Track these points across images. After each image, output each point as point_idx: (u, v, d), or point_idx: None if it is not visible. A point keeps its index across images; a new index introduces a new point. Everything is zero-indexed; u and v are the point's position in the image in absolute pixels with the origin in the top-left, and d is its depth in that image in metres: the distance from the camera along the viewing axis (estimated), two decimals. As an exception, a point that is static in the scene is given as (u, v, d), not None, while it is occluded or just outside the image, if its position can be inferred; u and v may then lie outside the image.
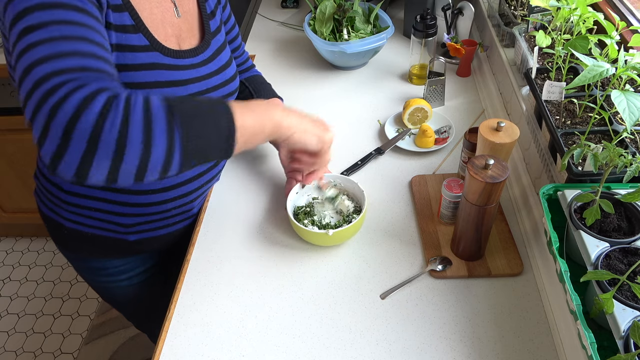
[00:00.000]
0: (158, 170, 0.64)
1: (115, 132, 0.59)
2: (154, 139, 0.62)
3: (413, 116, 1.28)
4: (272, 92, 1.19)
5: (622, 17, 1.13)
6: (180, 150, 0.64)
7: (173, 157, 0.64)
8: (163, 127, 0.62)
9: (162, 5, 0.88)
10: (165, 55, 0.86)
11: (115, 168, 0.61)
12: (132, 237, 1.03)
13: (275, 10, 1.90)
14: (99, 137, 0.59)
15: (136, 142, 0.60)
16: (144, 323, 1.39)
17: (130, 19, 0.81)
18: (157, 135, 0.62)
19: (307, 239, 1.00)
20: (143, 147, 0.61)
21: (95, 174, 0.60)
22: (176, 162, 0.65)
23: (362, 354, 0.85)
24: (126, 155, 0.60)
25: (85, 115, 0.58)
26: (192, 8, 0.96)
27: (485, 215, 0.88)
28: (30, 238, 2.46)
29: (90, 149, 0.59)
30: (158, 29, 0.87)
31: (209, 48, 0.96)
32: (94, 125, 0.59)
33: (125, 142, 0.60)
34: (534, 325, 0.88)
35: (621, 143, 0.88)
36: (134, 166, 0.61)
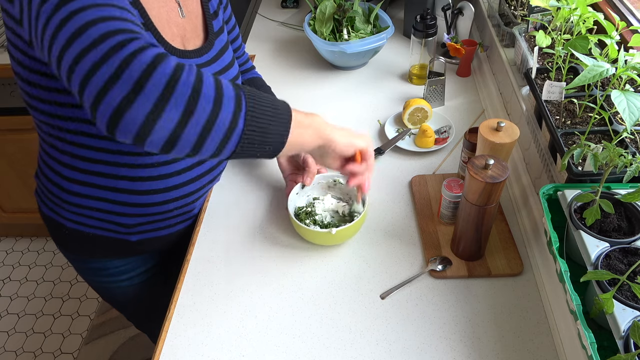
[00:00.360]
0: (219, 138, 0.63)
1: (189, 86, 0.60)
2: (223, 100, 0.62)
3: (413, 116, 1.28)
4: (272, 95, 1.18)
5: (622, 17, 1.13)
6: (244, 123, 0.65)
7: (236, 128, 0.64)
8: (232, 94, 0.64)
9: (167, 5, 0.88)
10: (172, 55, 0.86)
11: (184, 122, 0.60)
12: (134, 237, 1.03)
13: (275, 10, 1.90)
14: (174, 87, 0.58)
15: (208, 98, 0.61)
16: (144, 323, 1.39)
17: (140, 17, 0.81)
18: (226, 99, 0.63)
19: (309, 238, 1.00)
20: (213, 104, 0.61)
21: (161, 127, 0.59)
22: (236, 135, 0.65)
23: (362, 354, 0.85)
24: (197, 109, 0.60)
25: (161, 67, 0.58)
26: (196, 8, 0.96)
27: (485, 215, 0.88)
28: (30, 238, 2.46)
29: (164, 97, 0.58)
30: (165, 29, 0.87)
31: (212, 48, 0.96)
32: (170, 75, 0.58)
33: (198, 97, 0.60)
34: (534, 325, 0.88)
35: (621, 143, 0.88)
36: (201, 124, 0.61)
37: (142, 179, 0.92)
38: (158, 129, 0.59)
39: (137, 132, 0.59)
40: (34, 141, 0.96)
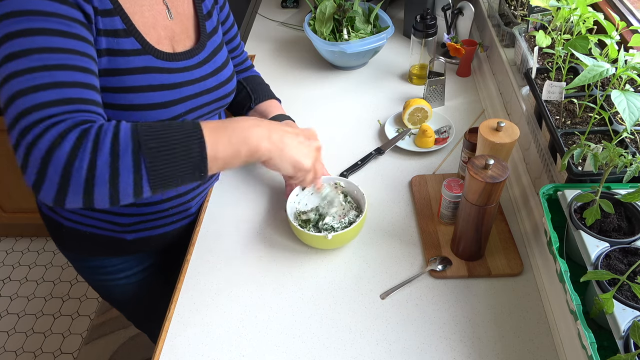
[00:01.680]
0: (130, 198, 0.68)
1: (83, 172, 0.65)
2: (120, 175, 0.66)
3: (413, 116, 1.28)
4: (270, 93, 1.18)
5: (622, 17, 1.13)
6: (148, 181, 0.68)
7: (142, 188, 0.68)
8: (129, 163, 0.66)
9: (153, 8, 0.87)
10: (158, 59, 0.85)
11: (88, 199, 0.66)
12: (130, 236, 1.03)
13: (275, 10, 1.90)
14: (70, 175, 0.64)
15: (103, 179, 0.65)
16: (143, 323, 1.39)
17: (121, 23, 0.80)
18: (123, 172, 0.66)
19: (307, 241, 1.00)
20: (109, 183, 0.66)
21: (70, 203, 0.66)
22: (146, 190, 0.69)
23: (362, 354, 0.85)
24: (95, 189, 0.66)
25: (55, 155, 0.64)
26: (187, 9, 0.95)
27: (485, 215, 0.88)
28: (30, 238, 2.46)
29: (63, 185, 0.64)
30: (150, 32, 0.86)
31: (204, 50, 0.95)
32: (64, 164, 0.64)
33: (94, 180, 0.65)
34: (534, 325, 0.88)
35: (621, 143, 0.88)
36: (105, 197, 0.67)
37: None
38: (69, 204, 0.66)
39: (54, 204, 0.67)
40: (34, 141, 0.96)
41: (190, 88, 0.91)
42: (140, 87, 0.83)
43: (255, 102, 1.13)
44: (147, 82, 0.84)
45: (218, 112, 1.04)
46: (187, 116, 0.92)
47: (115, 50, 0.80)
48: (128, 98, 0.82)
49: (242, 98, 1.14)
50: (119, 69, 0.81)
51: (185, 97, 0.90)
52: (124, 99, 0.82)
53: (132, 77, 0.82)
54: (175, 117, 0.89)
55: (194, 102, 0.92)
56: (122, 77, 0.81)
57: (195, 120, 0.80)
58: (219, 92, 0.98)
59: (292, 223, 0.98)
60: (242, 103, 1.14)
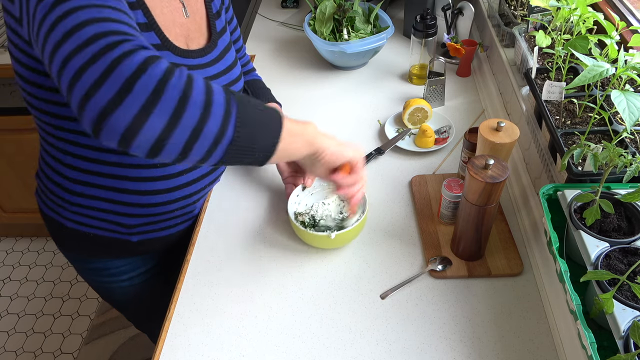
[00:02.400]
0: (207, 145, 0.62)
1: (179, 90, 0.58)
2: (213, 106, 0.61)
3: (413, 116, 1.28)
4: (270, 96, 1.18)
5: (622, 17, 1.13)
6: (233, 131, 0.63)
7: (224, 135, 0.63)
8: (222, 101, 0.62)
9: (171, 4, 0.88)
10: (176, 55, 0.86)
11: (171, 127, 0.58)
12: (135, 237, 1.03)
13: (275, 10, 1.90)
14: (163, 90, 0.57)
15: (197, 103, 0.59)
16: (144, 323, 1.39)
17: (143, 16, 0.81)
18: (215, 105, 0.61)
19: (309, 241, 1.00)
20: (203, 110, 0.60)
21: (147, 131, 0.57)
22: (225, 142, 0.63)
23: (362, 354, 0.85)
24: (185, 114, 0.59)
25: (151, 69, 0.57)
26: (200, 8, 0.96)
27: (485, 215, 0.88)
28: (30, 238, 2.46)
29: (151, 101, 0.56)
30: (169, 28, 0.87)
31: (216, 48, 0.96)
32: (159, 78, 0.57)
33: (187, 101, 0.59)
34: (534, 325, 0.88)
35: (621, 143, 0.88)
36: (189, 130, 0.60)
37: (145, 179, 0.92)
38: (144, 133, 0.58)
39: (123, 135, 0.57)
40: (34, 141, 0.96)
41: None
42: None
43: None
44: None
45: None
46: None
47: None
48: None
49: None
50: None
51: None
52: None
53: None
54: None
55: None
56: None
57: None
58: None
59: (294, 223, 0.98)
60: None
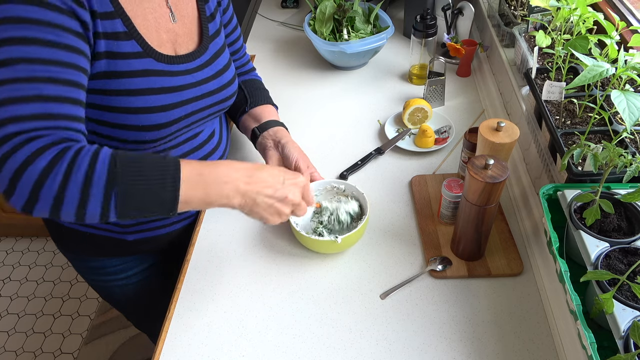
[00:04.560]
0: (95, 221, 0.70)
1: (53, 191, 0.65)
2: (89, 202, 0.67)
3: (413, 116, 1.28)
4: (267, 98, 1.16)
5: (622, 17, 1.13)
6: (115, 212, 0.69)
7: (108, 216, 0.69)
8: (100, 193, 0.67)
9: (156, 11, 0.87)
10: (159, 62, 0.85)
11: (55, 214, 0.67)
12: (130, 237, 1.03)
13: (275, 10, 1.90)
14: (39, 192, 0.65)
15: (71, 201, 0.66)
16: (143, 323, 1.39)
17: (122, 25, 0.80)
18: (92, 199, 0.67)
19: (313, 247, 0.99)
20: (77, 206, 0.67)
21: (38, 214, 0.67)
22: (112, 217, 0.70)
23: (362, 354, 0.85)
24: (63, 208, 0.67)
25: (30, 170, 0.64)
26: (191, 12, 0.94)
27: (485, 215, 0.88)
28: (30, 238, 2.46)
29: (32, 199, 0.65)
30: (152, 35, 0.85)
31: (206, 52, 0.95)
32: (35, 180, 0.64)
33: (63, 200, 0.66)
34: (534, 325, 0.88)
35: (621, 143, 0.88)
36: (72, 215, 0.68)
37: None
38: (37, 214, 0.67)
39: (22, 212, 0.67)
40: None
41: (191, 91, 0.91)
42: (140, 90, 0.83)
43: (250, 106, 1.11)
44: (147, 85, 0.83)
45: (218, 115, 1.04)
46: (186, 120, 0.91)
47: (114, 53, 0.79)
48: (127, 101, 0.82)
49: (238, 101, 1.13)
50: (118, 72, 0.80)
51: (186, 100, 0.90)
52: (123, 101, 0.82)
53: (131, 80, 0.82)
54: (174, 120, 0.88)
55: (194, 106, 0.92)
56: (121, 80, 0.81)
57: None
58: (220, 95, 0.98)
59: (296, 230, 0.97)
60: (237, 106, 1.13)
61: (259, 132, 1.07)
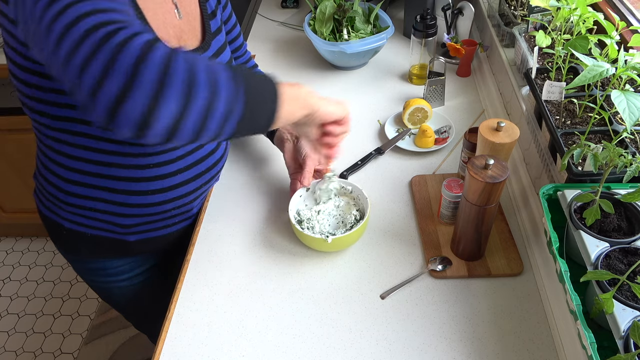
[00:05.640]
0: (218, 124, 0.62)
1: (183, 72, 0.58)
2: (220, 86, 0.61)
3: (413, 116, 1.28)
4: None
5: (622, 17, 1.13)
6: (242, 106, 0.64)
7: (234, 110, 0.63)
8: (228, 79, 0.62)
9: (163, 7, 0.88)
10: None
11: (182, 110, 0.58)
12: (132, 237, 1.03)
13: (275, 10, 1.90)
14: (168, 74, 0.57)
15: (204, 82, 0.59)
16: (143, 323, 1.39)
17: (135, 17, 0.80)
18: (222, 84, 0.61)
19: (307, 243, 1.00)
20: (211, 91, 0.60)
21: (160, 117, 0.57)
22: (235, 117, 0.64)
23: (362, 354, 0.85)
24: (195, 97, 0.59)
25: (152, 54, 0.57)
26: (194, 9, 0.96)
27: (485, 215, 0.88)
28: (30, 238, 2.46)
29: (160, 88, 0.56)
30: (160, 30, 0.87)
31: (209, 49, 0.96)
32: (162, 63, 0.57)
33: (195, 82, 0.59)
34: (534, 325, 0.88)
35: (621, 143, 0.88)
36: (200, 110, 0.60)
37: (139, 180, 0.92)
38: (158, 119, 0.58)
39: (137, 124, 0.57)
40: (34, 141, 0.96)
41: None
42: None
43: None
44: None
45: None
46: None
47: None
48: None
49: None
50: None
51: None
52: None
53: None
54: None
55: None
56: None
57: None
58: None
59: (294, 224, 0.98)
60: None
61: None
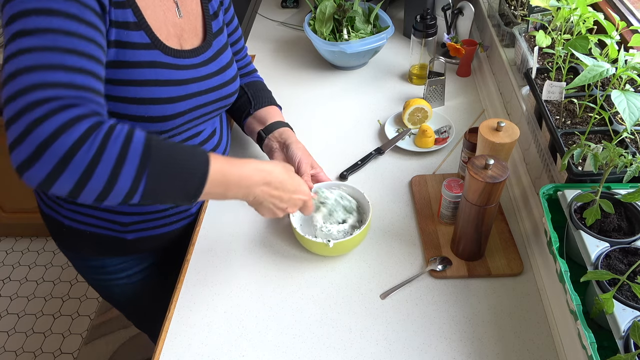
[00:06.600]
0: (116, 202, 0.67)
1: (84, 164, 0.62)
2: (120, 177, 0.64)
3: (413, 116, 1.28)
4: (270, 99, 1.17)
5: (622, 17, 1.13)
6: (141, 194, 0.67)
7: (133, 197, 0.67)
8: (133, 168, 0.65)
9: (164, 4, 0.88)
10: (166, 54, 0.86)
11: (77, 191, 0.63)
12: (130, 235, 1.03)
13: (275, 10, 1.90)
14: (70, 161, 0.61)
15: (102, 175, 0.63)
16: (143, 322, 1.39)
17: (133, 15, 0.81)
18: (124, 175, 0.64)
19: (308, 247, 0.99)
20: (107, 181, 0.64)
21: (56, 190, 0.63)
22: (135, 199, 0.68)
23: (362, 354, 0.85)
24: (90, 183, 0.63)
25: (62, 139, 0.60)
26: (195, 8, 0.96)
27: (485, 215, 0.88)
28: (30, 238, 2.46)
29: (58, 170, 0.61)
30: (160, 28, 0.87)
31: (210, 48, 0.96)
32: (67, 150, 0.61)
33: (93, 174, 0.62)
34: (534, 325, 0.88)
35: (621, 143, 0.88)
36: (95, 193, 0.64)
37: None
38: (55, 190, 0.63)
39: (38, 187, 0.62)
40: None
41: (195, 85, 0.92)
42: (147, 81, 0.83)
43: (255, 109, 1.13)
44: (153, 77, 0.84)
45: (220, 113, 1.04)
46: (190, 114, 0.92)
47: (124, 43, 0.80)
48: (133, 91, 0.83)
49: (242, 104, 1.14)
50: (126, 62, 0.81)
51: (190, 94, 0.91)
52: (130, 92, 0.83)
53: (139, 71, 0.83)
54: (178, 113, 0.89)
55: (198, 100, 0.93)
56: (129, 70, 0.82)
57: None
58: (223, 92, 0.99)
59: (296, 230, 0.97)
60: (242, 109, 1.14)
61: (265, 135, 1.09)
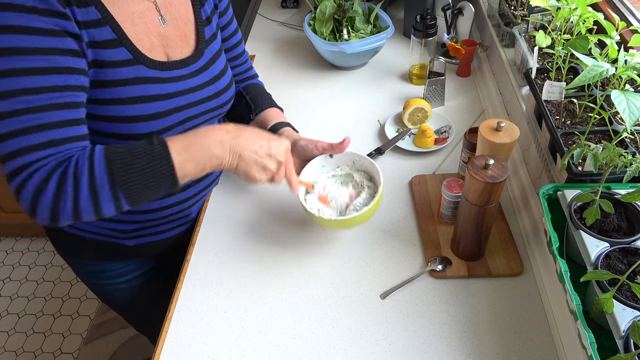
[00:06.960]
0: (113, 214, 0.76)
1: (69, 209, 0.72)
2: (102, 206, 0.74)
3: (413, 116, 1.28)
4: (270, 101, 1.13)
5: (622, 17, 1.13)
6: (128, 203, 0.75)
7: (122, 208, 0.76)
8: (108, 196, 0.73)
9: (145, 15, 0.84)
10: (150, 68, 0.83)
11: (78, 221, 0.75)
12: (130, 242, 1.03)
13: (275, 10, 1.90)
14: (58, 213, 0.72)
15: (87, 211, 0.73)
16: (142, 325, 1.38)
17: (111, 33, 0.78)
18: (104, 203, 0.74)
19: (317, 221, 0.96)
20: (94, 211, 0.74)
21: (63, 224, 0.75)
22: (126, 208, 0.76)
23: (362, 354, 0.85)
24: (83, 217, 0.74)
25: (42, 199, 0.71)
26: (185, 14, 0.91)
27: (485, 215, 0.88)
28: (30, 238, 2.46)
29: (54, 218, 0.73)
30: (142, 40, 0.83)
31: (201, 58, 0.93)
32: (51, 207, 0.72)
33: (79, 213, 0.73)
34: (534, 325, 0.88)
35: (621, 143, 0.88)
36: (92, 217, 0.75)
37: None
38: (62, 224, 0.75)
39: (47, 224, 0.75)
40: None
41: (184, 98, 0.89)
42: (132, 98, 0.81)
43: (255, 113, 1.08)
44: (138, 94, 0.82)
45: (213, 122, 1.01)
46: (181, 126, 0.90)
47: (102, 62, 0.78)
48: (119, 110, 0.81)
49: (242, 110, 1.10)
50: (107, 81, 0.79)
51: (180, 107, 0.88)
52: (113, 110, 0.81)
53: (122, 89, 0.80)
54: (168, 127, 0.87)
55: (187, 112, 0.90)
56: (112, 89, 0.80)
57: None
58: (215, 102, 0.96)
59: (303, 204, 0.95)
60: (242, 115, 1.10)
61: None
